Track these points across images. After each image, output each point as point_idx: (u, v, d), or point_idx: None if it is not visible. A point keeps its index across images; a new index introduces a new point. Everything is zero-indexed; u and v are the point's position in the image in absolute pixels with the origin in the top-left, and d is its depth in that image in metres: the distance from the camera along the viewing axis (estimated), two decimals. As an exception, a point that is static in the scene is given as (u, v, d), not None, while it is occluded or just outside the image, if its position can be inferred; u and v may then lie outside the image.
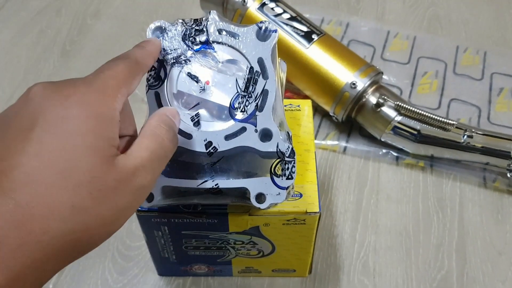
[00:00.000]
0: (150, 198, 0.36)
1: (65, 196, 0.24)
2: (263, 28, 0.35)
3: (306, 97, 0.62)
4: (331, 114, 0.60)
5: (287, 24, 0.60)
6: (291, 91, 0.64)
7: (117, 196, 0.26)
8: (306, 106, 0.48)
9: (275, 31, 0.35)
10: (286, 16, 0.61)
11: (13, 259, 0.23)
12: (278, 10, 0.61)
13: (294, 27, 0.60)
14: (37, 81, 0.66)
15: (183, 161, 0.36)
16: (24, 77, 0.69)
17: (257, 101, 0.35)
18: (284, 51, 0.59)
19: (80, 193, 0.25)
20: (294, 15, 0.61)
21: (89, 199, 0.25)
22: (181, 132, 0.35)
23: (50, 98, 0.26)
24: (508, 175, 0.55)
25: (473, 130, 0.54)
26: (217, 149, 0.35)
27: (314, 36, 0.59)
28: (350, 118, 0.60)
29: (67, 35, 0.75)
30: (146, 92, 0.35)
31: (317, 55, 0.59)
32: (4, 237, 0.23)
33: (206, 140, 0.35)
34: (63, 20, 0.77)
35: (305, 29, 0.60)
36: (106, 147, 0.26)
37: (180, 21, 0.36)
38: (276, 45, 0.36)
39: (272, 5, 0.61)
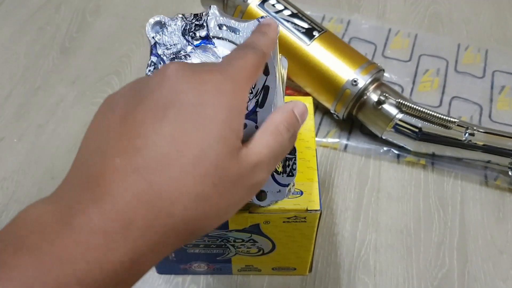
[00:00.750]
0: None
1: (192, 184, 0.24)
2: (264, 23, 0.35)
3: (306, 94, 0.62)
4: (332, 111, 0.60)
5: (288, 21, 0.60)
6: (292, 88, 0.64)
7: (235, 190, 0.26)
8: (307, 103, 0.47)
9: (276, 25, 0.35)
10: (287, 12, 0.60)
11: (140, 240, 0.23)
12: (279, 6, 0.61)
13: (295, 24, 0.59)
14: (37, 78, 0.67)
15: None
16: (23, 73, 0.69)
17: (257, 97, 0.35)
18: (285, 48, 0.59)
19: (206, 183, 0.25)
20: (295, 11, 0.61)
21: (212, 190, 0.25)
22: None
23: (187, 81, 0.26)
24: (510, 173, 0.54)
25: (475, 128, 0.54)
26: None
27: (315, 33, 0.59)
28: (351, 116, 0.60)
29: (66, 32, 0.75)
30: (146, 88, 0.35)
31: (318, 52, 0.58)
32: (135, 218, 0.23)
33: (206, 136, 0.35)
34: (62, 17, 0.77)
35: (306, 26, 0.60)
36: (234, 139, 0.26)
37: (180, 16, 0.35)
38: (277, 41, 0.35)
39: (273, 1, 0.61)
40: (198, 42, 0.35)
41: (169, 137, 0.25)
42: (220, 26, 0.35)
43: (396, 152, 0.59)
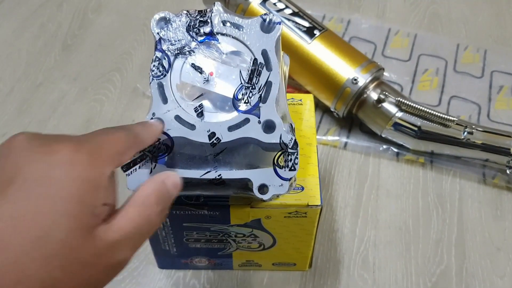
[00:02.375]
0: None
1: (35, 268, 0.22)
2: (267, 20, 0.35)
3: (307, 92, 0.62)
4: (332, 109, 0.60)
5: (289, 20, 0.60)
6: (293, 86, 0.64)
7: (91, 272, 0.24)
8: (308, 101, 0.48)
9: (279, 23, 0.35)
10: (288, 11, 0.61)
11: None
12: (280, 5, 0.61)
13: (296, 23, 0.60)
14: (38, 74, 0.67)
15: (186, 152, 0.36)
16: (25, 70, 0.69)
17: (260, 93, 0.35)
18: (286, 47, 0.59)
19: (52, 266, 0.22)
20: (296, 10, 0.61)
21: (60, 273, 0.22)
22: (184, 123, 0.35)
23: (34, 152, 0.24)
24: (508, 171, 0.55)
25: (473, 126, 0.55)
26: (220, 140, 0.35)
27: (316, 32, 0.60)
28: (351, 114, 0.60)
29: (68, 29, 0.75)
30: (150, 83, 0.35)
31: (318, 50, 0.59)
32: None
33: (209, 131, 0.35)
34: (64, 14, 0.77)
35: (307, 24, 0.60)
36: (87, 215, 0.24)
37: (185, 12, 0.36)
38: (280, 37, 0.36)
39: (275, 0, 0.61)
40: (202, 38, 0.36)
41: (7, 218, 0.22)
42: (224, 23, 0.36)
43: (396, 150, 0.59)
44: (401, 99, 0.55)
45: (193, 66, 0.36)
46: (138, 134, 0.30)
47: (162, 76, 0.35)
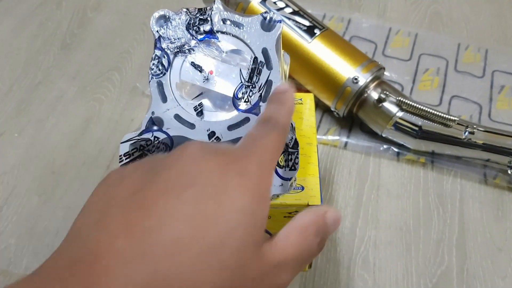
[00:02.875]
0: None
1: (207, 276, 0.21)
2: (268, 18, 0.35)
3: (307, 92, 0.62)
4: (333, 109, 0.60)
5: (289, 18, 0.60)
6: (293, 86, 0.64)
7: None
8: (308, 100, 0.48)
9: (280, 21, 0.35)
10: (288, 10, 0.60)
11: None
12: (281, 4, 0.61)
13: (297, 22, 0.60)
14: (37, 73, 0.67)
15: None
16: (23, 69, 0.68)
17: (261, 92, 0.35)
18: (286, 46, 0.59)
19: (223, 277, 0.21)
20: (296, 9, 0.61)
21: (230, 284, 0.21)
22: (184, 122, 0.35)
23: (209, 160, 0.24)
24: (509, 172, 0.55)
25: (475, 126, 0.54)
26: (220, 139, 0.35)
27: (317, 31, 0.59)
28: (352, 114, 0.60)
29: (67, 28, 0.75)
30: (149, 81, 0.35)
31: (319, 49, 0.58)
32: None
33: (209, 130, 0.35)
34: (63, 13, 0.77)
35: (307, 23, 0.60)
36: (258, 229, 0.23)
37: (184, 10, 0.36)
38: (281, 36, 0.35)
39: (275, -1, 0.61)
40: (202, 36, 0.35)
41: (186, 220, 0.21)
42: (224, 21, 0.35)
43: (396, 150, 0.59)
44: (402, 99, 0.55)
45: (193, 64, 0.35)
46: (286, 127, 0.29)
47: (161, 75, 0.35)
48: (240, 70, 0.35)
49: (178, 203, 0.22)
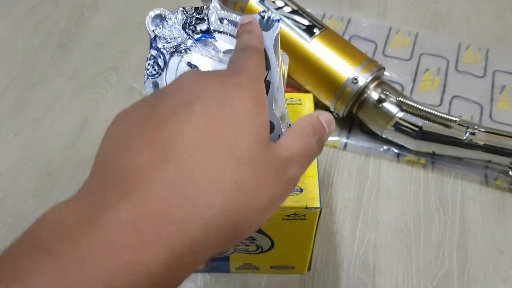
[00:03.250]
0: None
1: (229, 171, 0.23)
2: (266, 17, 0.34)
3: (306, 92, 0.61)
4: (332, 109, 0.59)
5: (288, 18, 0.59)
6: (292, 86, 0.63)
7: (273, 183, 0.25)
8: (307, 100, 0.47)
9: (278, 20, 0.34)
10: (287, 9, 0.60)
11: (176, 237, 0.21)
12: (280, 3, 0.60)
13: (296, 21, 0.59)
14: (34, 72, 0.66)
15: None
16: (20, 68, 0.68)
17: (258, 92, 0.34)
18: (285, 45, 0.58)
19: (243, 171, 0.23)
20: (295, 8, 0.60)
21: (251, 178, 0.23)
22: (180, 123, 0.34)
23: (207, 81, 0.26)
24: (510, 173, 0.54)
25: (476, 127, 0.54)
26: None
27: (316, 30, 0.59)
28: (351, 114, 0.59)
29: (64, 27, 0.74)
30: (145, 82, 0.35)
31: (318, 49, 0.58)
32: (169, 211, 0.21)
33: (206, 131, 0.34)
34: (60, 12, 0.76)
35: (306, 23, 0.59)
36: (263, 129, 0.26)
37: (181, 9, 0.35)
38: (279, 35, 0.35)
39: (274, -2, 0.61)
40: (198, 36, 0.35)
41: (199, 126, 0.23)
42: (221, 20, 0.35)
43: (396, 151, 0.58)
44: (402, 99, 0.54)
45: (189, 64, 0.35)
46: (258, 47, 0.31)
47: (157, 75, 0.34)
48: (238, 70, 0.34)
49: (188, 116, 0.24)
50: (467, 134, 0.54)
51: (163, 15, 0.35)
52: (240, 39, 0.32)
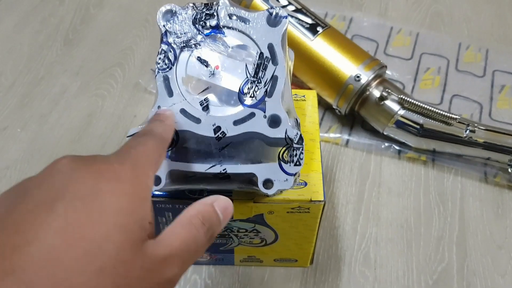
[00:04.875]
0: (157, 181, 0.36)
1: (87, 282, 0.21)
2: (274, 13, 0.35)
3: (310, 89, 0.62)
4: (334, 107, 0.60)
5: (292, 16, 0.60)
6: (295, 83, 0.64)
7: (144, 287, 0.23)
8: (311, 96, 0.48)
9: (286, 17, 0.35)
10: (291, 8, 0.61)
11: None
12: (283, 1, 0.61)
13: (299, 19, 0.60)
14: (40, 68, 0.67)
15: (191, 146, 0.36)
16: (26, 64, 0.69)
17: (266, 87, 0.35)
18: (289, 43, 0.58)
19: (104, 280, 0.21)
20: (299, 7, 0.61)
21: (113, 287, 0.22)
22: (190, 117, 0.35)
23: (80, 170, 0.24)
24: (509, 170, 0.55)
25: (476, 125, 0.55)
26: (225, 134, 0.35)
27: (319, 29, 0.59)
28: (353, 111, 0.60)
29: (70, 23, 0.75)
30: (155, 75, 0.35)
31: (321, 47, 0.59)
32: None
33: (214, 125, 0.35)
34: (66, 9, 0.77)
35: (310, 21, 0.60)
36: (137, 229, 0.23)
37: (191, 5, 0.36)
38: (286, 31, 0.36)
39: (278, -4, 0.62)
40: (208, 31, 0.36)
41: (57, 231, 0.21)
42: (230, 16, 0.36)
43: (397, 148, 0.59)
44: (403, 97, 0.55)
45: (199, 59, 0.36)
46: (163, 136, 0.30)
47: (167, 69, 0.35)
48: (246, 65, 0.35)
49: (48, 217, 0.21)
50: (467, 131, 0.54)
51: (173, 11, 0.36)
52: (146, 125, 0.31)
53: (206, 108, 0.35)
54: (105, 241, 0.22)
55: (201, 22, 0.36)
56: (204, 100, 0.35)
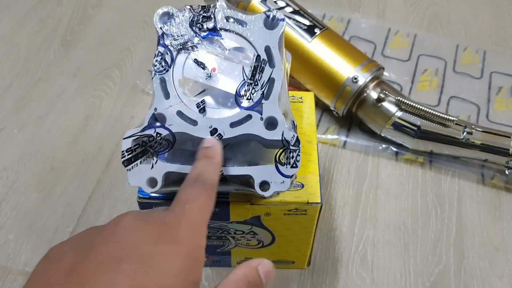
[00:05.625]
0: (153, 184, 0.36)
1: None
2: (271, 16, 0.35)
3: (307, 91, 0.62)
4: (332, 108, 0.60)
5: (289, 18, 0.60)
6: (292, 85, 0.64)
7: None
8: (308, 98, 0.48)
9: (283, 19, 0.35)
10: (289, 9, 0.61)
11: None
12: (281, 3, 0.61)
13: (297, 21, 0.60)
14: (38, 70, 0.67)
15: (187, 148, 0.36)
16: (24, 65, 0.69)
17: (263, 89, 0.35)
18: (287, 45, 0.58)
19: None
20: (297, 8, 0.61)
21: None
22: (186, 119, 0.35)
23: (142, 231, 0.25)
24: (506, 172, 0.55)
25: (473, 126, 0.55)
26: (222, 136, 0.35)
27: (317, 30, 0.59)
28: (351, 113, 0.60)
29: (67, 24, 0.75)
30: (152, 77, 0.35)
31: (319, 49, 0.59)
32: None
33: (211, 127, 0.35)
34: (64, 10, 0.77)
35: (307, 23, 0.60)
36: None
37: (188, 7, 0.36)
38: (283, 34, 0.36)
39: (276, -2, 0.62)
40: (205, 33, 0.36)
41: None
42: (227, 18, 0.36)
43: (395, 149, 0.59)
44: (401, 99, 0.55)
45: (196, 61, 0.35)
46: (214, 183, 0.31)
47: (164, 71, 0.35)
48: (243, 67, 0.35)
49: (114, 276, 0.23)
50: (464, 133, 0.54)
51: (170, 13, 0.36)
52: (195, 165, 0.32)
53: (202, 110, 0.35)
54: None
55: (198, 25, 0.35)
56: (201, 102, 0.35)
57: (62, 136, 0.60)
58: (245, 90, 0.35)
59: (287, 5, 0.61)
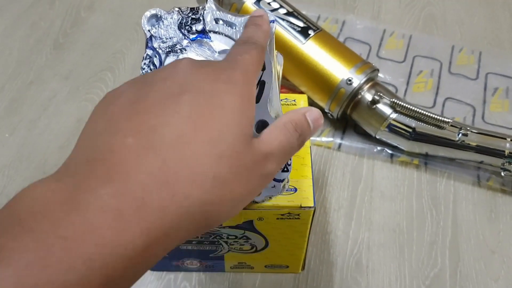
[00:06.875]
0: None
1: (209, 164, 0.24)
2: (261, 18, 0.35)
3: (301, 93, 0.61)
4: (326, 110, 0.60)
5: (283, 19, 0.60)
6: (286, 87, 0.64)
7: (250, 177, 0.26)
8: (301, 101, 0.48)
9: (273, 21, 0.35)
10: (282, 11, 0.60)
11: (154, 222, 0.22)
12: (275, 5, 0.61)
13: (291, 23, 0.59)
14: (30, 73, 0.66)
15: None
16: (15, 69, 0.68)
17: (253, 92, 0.34)
18: (280, 47, 0.59)
19: (223, 165, 0.24)
20: (290, 10, 0.61)
21: (229, 173, 0.25)
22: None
23: (200, 73, 0.27)
24: (502, 173, 0.55)
25: (468, 128, 0.54)
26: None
27: (311, 32, 0.59)
28: (345, 115, 0.60)
29: (60, 27, 0.74)
30: (141, 81, 0.35)
31: (313, 51, 0.58)
32: (150, 197, 0.22)
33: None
34: (56, 13, 0.76)
35: (301, 24, 0.60)
36: (248, 126, 0.26)
37: (176, 9, 0.35)
38: (274, 36, 0.35)
39: (269, -1, 0.61)
40: (194, 36, 0.35)
41: (186, 118, 0.24)
42: (216, 20, 0.35)
43: (390, 151, 0.59)
44: (395, 100, 0.55)
45: (185, 64, 0.35)
46: (261, 43, 0.31)
47: (153, 75, 0.35)
48: (233, 70, 0.35)
49: (177, 106, 0.25)
50: (460, 135, 0.54)
51: (159, 15, 0.35)
52: (245, 31, 0.33)
53: (192, 114, 0.35)
54: (225, 132, 0.25)
55: (186, 27, 0.35)
56: (191, 105, 0.35)
57: (54, 140, 0.60)
58: (235, 93, 0.35)
59: (281, 6, 0.61)
